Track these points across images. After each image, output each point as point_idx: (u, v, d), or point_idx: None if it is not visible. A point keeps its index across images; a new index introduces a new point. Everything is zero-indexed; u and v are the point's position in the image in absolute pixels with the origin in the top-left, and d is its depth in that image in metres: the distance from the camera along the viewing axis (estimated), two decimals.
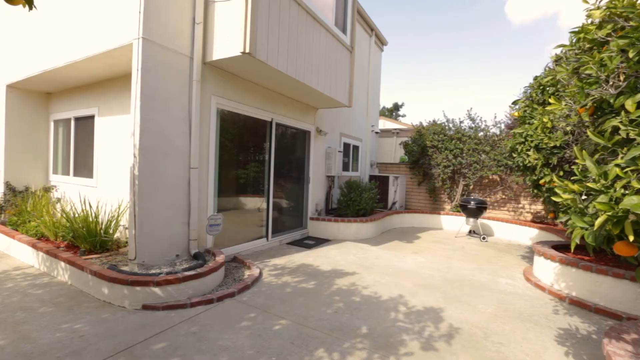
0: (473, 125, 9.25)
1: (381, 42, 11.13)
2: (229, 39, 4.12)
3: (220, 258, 4.10)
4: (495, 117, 8.96)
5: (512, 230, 7.88)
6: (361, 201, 7.38)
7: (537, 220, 8.19)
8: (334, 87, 6.17)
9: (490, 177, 9.05)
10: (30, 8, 1.58)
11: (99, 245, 4.28)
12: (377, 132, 11.81)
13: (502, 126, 8.85)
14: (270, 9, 4.32)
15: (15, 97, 6.02)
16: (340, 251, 5.92)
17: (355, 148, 9.73)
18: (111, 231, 4.44)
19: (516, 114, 4.73)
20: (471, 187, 9.25)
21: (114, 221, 4.49)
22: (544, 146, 4.03)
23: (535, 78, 4.64)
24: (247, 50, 3.98)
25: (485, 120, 9.21)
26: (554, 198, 1.98)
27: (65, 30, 4.69)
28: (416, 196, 10.38)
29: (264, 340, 2.78)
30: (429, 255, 5.95)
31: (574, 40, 2.61)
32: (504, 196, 8.97)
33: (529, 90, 4.74)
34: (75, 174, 5.76)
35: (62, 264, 3.83)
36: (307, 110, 6.89)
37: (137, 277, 3.25)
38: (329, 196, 8.04)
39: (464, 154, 8.93)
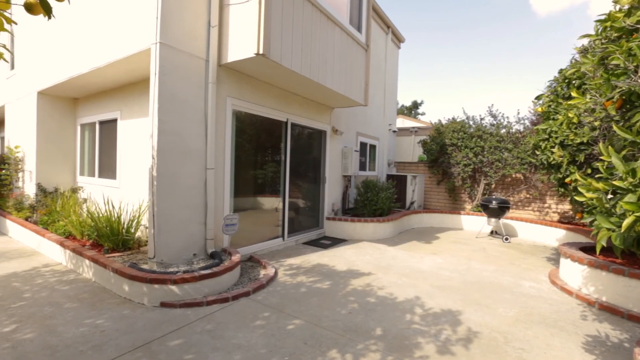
0: (494, 122, 8.94)
1: (398, 39, 10.96)
2: (243, 40, 4.17)
3: (235, 257, 4.15)
4: (518, 113, 8.62)
5: (537, 230, 7.55)
6: (378, 201, 7.29)
7: (565, 221, 7.81)
8: (349, 86, 6.13)
9: (514, 175, 8.72)
10: (49, 17, 1.65)
11: (121, 243, 4.44)
12: (394, 131, 11.64)
13: (526, 122, 8.49)
14: (284, 9, 4.34)
15: (45, 103, 6.35)
16: (357, 251, 5.87)
17: (372, 147, 9.63)
18: (133, 230, 4.59)
19: (540, 109, 4.52)
20: (493, 186, 8.95)
21: (135, 220, 4.65)
22: (570, 143, 3.83)
23: (561, 71, 4.41)
24: (261, 52, 4.02)
25: (507, 117, 8.89)
26: (577, 197, 1.86)
27: (88, 38, 4.91)
28: (435, 196, 10.14)
29: (277, 339, 2.79)
30: (447, 256, 5.79)
31: (599, 30, 2.45)
32: (528, 195, 8.61)
33: (554, 85, 4.52)
34: (100, 175, 6.01)
35: (87, 261, 4.00)
36: (322, 110, 6.87)
37: (155, 275, 3.34)
38: (346, 196, 8.00)
39: (485, 152, 8.65)
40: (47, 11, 1.59)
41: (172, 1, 3.84)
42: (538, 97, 4.64)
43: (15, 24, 2.24)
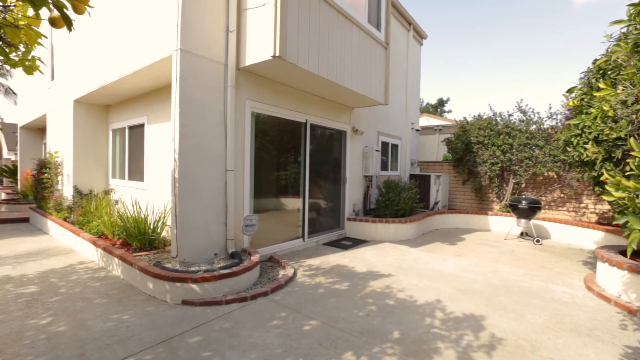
0: (524, 118, 8.50)
1: (420, 36, 10.71)
2: (260, 44, 4.23)
3: (255, 258, 4.21)
4: (550, 108, 8.11)
5: (572, 232, 7.09)
6: (400, 201, 7.14)
7: (604, 222, 7.28)
8: (368, 85, 6.06)
9: (546, 174, 8.25)
10: (70, 30, 1.76)
11: (148, 243, 4.63)
12: (417, 130, 11.37)
13: (559, 117, 8.00)
14: (300, 11, 4.36)
15: (81, 110, 6.77)
16: (377, 252, 5.78)
17: (394, 147, 9.46)
18: (158, 230, 4.78)
19: (571, 103, 4.24)
20: (523, 185, 8.51)
21: (161, 221, 4.83)
22: (605, 138, 3.55)
23: (595, 62, 4.12)
24: (277, 54, 4.06)
25: (538, 112, 8.40)
26: (604, 197, 1.72)
27: (116, 48, 5.18)
28: (461, 195, 9.80)
29: (293, 340, 2.80)
30: (473, 258, 5.57)
31: (633, 14, 2.25)
32: (562, 195, 8.12)
33: (587, 76, 4.23)
34: (130, 178, 6.32)
35: (116, 260, 4.21)
36: (342, 110, 6.84)
37: (177, 274, 3.46)
38: (367, 196, 7.90)
39: (513, 150, 8.24)
40: (68, 24, 1.69)
41: (191, 9, 3.97)
42: (570, 90, 4.35)
43: (45, 37, 2.40)
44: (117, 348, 2.60)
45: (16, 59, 2.84)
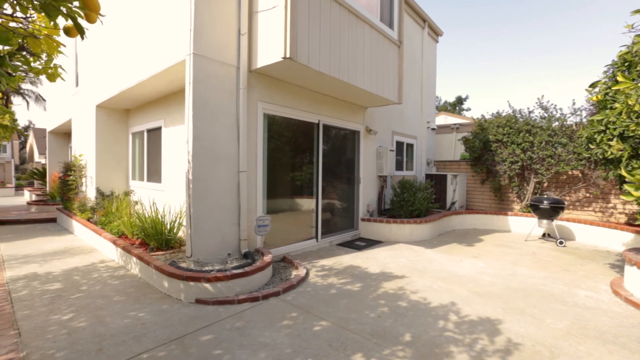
0: (545, 114, 8.18)
1: (435, 33, 10.51)
2: (271, 46, 4.27)
3: (267, 258, 4.25)
4: (573, 103, 7.76)
5: (599, 233, 6.76)
6: (415, 201, 7.03)
7: (634, 223, 6.90)
8: (380, 84, 6.00)
9: (569, 172, 7.90)
10: (83, 38, 1.83)
11: (164, 243, 4.75)
12: (433, 129, 11.17)
13: (584, 113, 7.65)
14: (310, 12, 4.37)
15: (102, 115, 7.05)
16: (391, 253, 5.71)
17: (410, 146, 9.33)
18: (175, 230, 4.90)
19: (595, 98, 4.04)
20: (545, 184, 8.19)
21: (177, 221, 4.95)
22: (631, 134, 3.36)
23: (620, 54, 3.91)
24: (288, 55, 4.08)
25: (560, 109, 8.06)
26: (623, 197, 1.62)
27: (134, 54, 5.37)
28: (479, 195, 9.54)
29: (303, 340, 2.80)
30: (490, 260, 5.40)
31: None
32: (587, 194, 7.76)
33: (612, 69, 4.02)
34: (148, 180, 6.52)
35: (134, 259, 4.35)
36: (355, 110, 6.80)
37: (190, 273, 3.53)
38: (381, 197, 7.82)
39: (534, 148, 7.94)
40: (81, 33, 1.76)
41: (204, 14, 4.05)
42: (593, 85, 4.15)
43: (64, 46, 2.51)
44: (132, 344, 2.68)
45: (40, 67, 3.00)
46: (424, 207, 7.13)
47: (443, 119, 17.23)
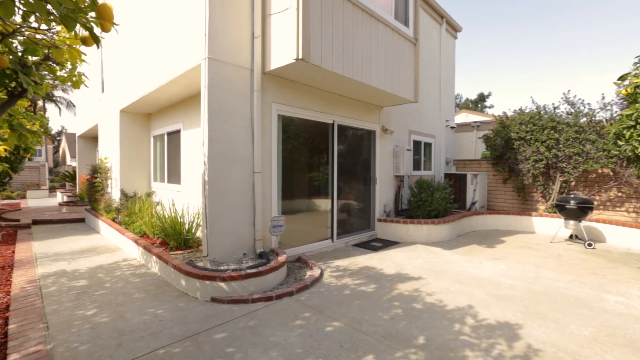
0: (572, 110, 7.79)
1: (454, 29, 10.27)
2: (284, 47, 4.31)
3: (281, 258, 4.28)
4: (603, 98, 7.34)
5: (633, 235, 6.36)
6: (433, 201, 6.89)
7: None
8: (396, 83, 5.92)
9: (599, 170, 7.49)
10: (98, 46, 1.92)
11: (183, 242, 4.89)
12: (452, 127, 10.90)
13: (614, 108, 7.23)
14: (323, 13, 4.37)
15: (126, 119, 7.35)
16: (408, 254, 5.62)
17: (427, 145, 9.15)
18: (193, 230, 5.03)
19: (624, 91, 3.81)
20: (572, 183, 7.81)
21: (195, 222, 5.08)
22: None
23: None
24: (300, 57, 4.10)
25: (588, 104, 7.66)
26: None
27: (153, 61, 5.57)
28: (501, 195, 9.21)
29: (314, 340, 2.80)
30: (512, 262, 5.21)
31: None
32: (619, 194, 7.32)
33: None
34: (169, 181, 6.74)
35: (154, 258, 4.50)
36: (370, 110, 6.75)
37: (206, 272, 3.62)
38: (398, 197, 7.71)
39: (560, 145, 7.58)
40: (96, 42, 1.85)
41: (218, 18, 4.14)
42: (622, 78, 3.91)
43: (85, 54, 2.64)
44: (150, 340, 2.78)
45: (65, 75, 3.17)
46: (442, 207, 6.97)
47: (464, 117, 16.77)
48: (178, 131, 6.31)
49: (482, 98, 42.15)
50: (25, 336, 2.75)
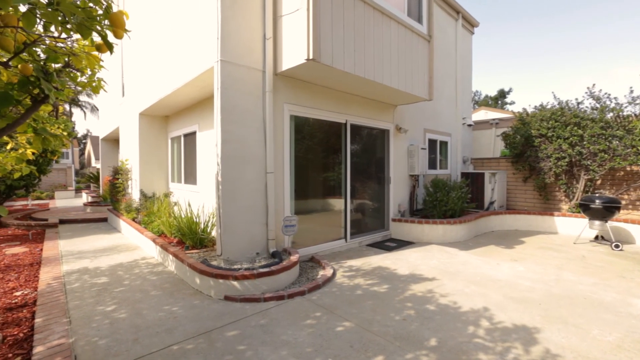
0: (597, 105, 7.45)
1: (470, 24, 10.02)
2: (295, 48, 4.33)
3: (294, 257, 4.31)
4: (631, 91, 6.97)
5: None
6: (448, 201, 6.75)
7: None
8: (410, 81, 5.84)
9: (628, 168, 7.13)
10: (112, 53, 2.00)
11: (198, 242, 5.00)
12: (470, 125, 10.63)
13: None
14: (333, 13, 4.37)
15: (145, 122, 7.59)
16: (422, 255, 5.53)
17: (443, 144, 8.97)
18: (208, 230, 5.14)
19: None
20: (598, 181, 7.47)
21: (210, 221, 5.19)
22: None
23: None
24: (311, 57, 4.11)
25: (615, 98, 7.29)
26: None
27: (169, 65, 5.72)
28: (521, 194, 8.92)
29: (324, 340, 2.80)
30: (531, 263, 5.03)
31: None
32: None
33: None
34: (185, 182, 6.90)
35: (170, 256, 4.62)
36: (383, 108, 6.68)
37: (219, 271, 3.69)
38: (413, 196, 7.61)
39: (584, 142, 7.26)
40: (110, 48, 1.92)
41: (230, 21, 4.21)
42: None
43: (103, 60, 2.74)
44: (164, 336, 2.86)
45: (85, 80, 3.30)
46: (458, 207, 6.82)
47: (483, 114, 16.32)
48: (194, 133, 6.46)
49: (502, 94, 40.93)
50: (49, 330, 2.89)
